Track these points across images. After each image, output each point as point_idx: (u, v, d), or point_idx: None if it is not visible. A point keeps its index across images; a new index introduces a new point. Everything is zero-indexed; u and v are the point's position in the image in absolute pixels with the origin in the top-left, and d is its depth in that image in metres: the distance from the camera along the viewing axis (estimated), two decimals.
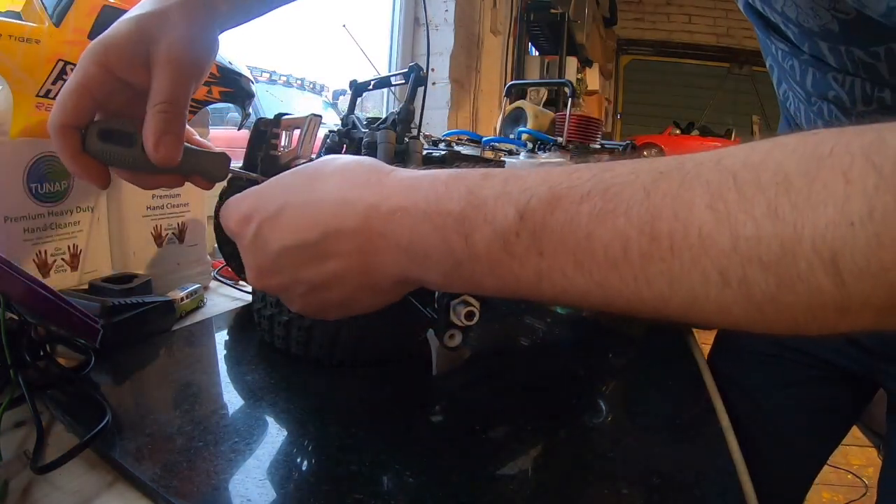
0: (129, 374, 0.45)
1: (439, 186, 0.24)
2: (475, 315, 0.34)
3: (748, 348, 0.67)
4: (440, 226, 0.24)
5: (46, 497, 0.29)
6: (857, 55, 0.39)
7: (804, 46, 0.43)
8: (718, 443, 0.39)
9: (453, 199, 0.23)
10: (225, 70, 0.61)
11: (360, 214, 0.26)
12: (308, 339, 0.46)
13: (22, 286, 0.37)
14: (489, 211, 0.22)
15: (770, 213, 0.18)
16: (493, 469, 0.34)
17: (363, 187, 0.26)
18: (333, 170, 0.29)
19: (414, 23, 1.79)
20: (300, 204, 0.28)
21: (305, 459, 0.33)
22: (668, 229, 0.19)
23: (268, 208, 0.29)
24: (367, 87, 0.57)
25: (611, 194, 0.20)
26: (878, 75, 0.40)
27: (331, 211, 0.26)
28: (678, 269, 0.19)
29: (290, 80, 2.46)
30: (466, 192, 0.23)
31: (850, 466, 1.75)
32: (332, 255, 0.27)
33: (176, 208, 0.64)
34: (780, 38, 0.46)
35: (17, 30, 0.44)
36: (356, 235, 0.26)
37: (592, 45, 3.33)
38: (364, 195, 0.26)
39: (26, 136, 0.47)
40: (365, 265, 0.26)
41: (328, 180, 0.28)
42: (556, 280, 0.22)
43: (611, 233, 0.20)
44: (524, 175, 0.23)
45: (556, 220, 0.21)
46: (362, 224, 0.26)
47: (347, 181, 0.27)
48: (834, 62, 0.42)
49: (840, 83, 0.44)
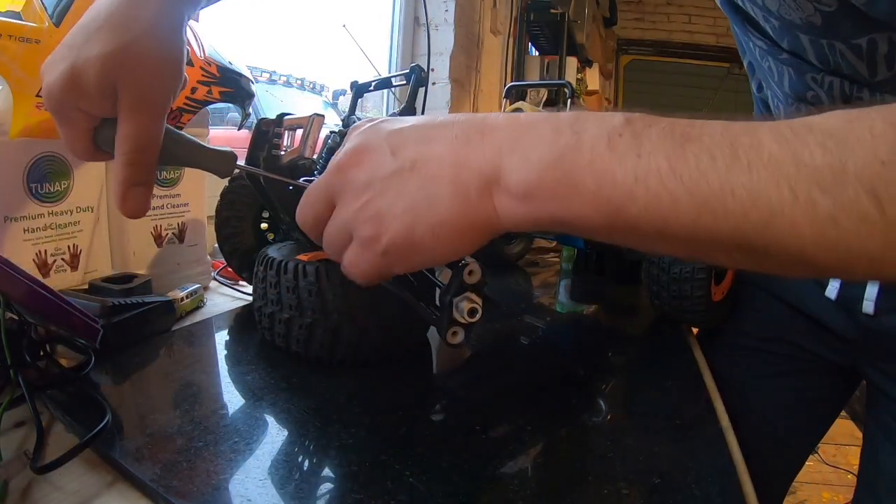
0: (129, 374, 0.45)
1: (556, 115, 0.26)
2: (478, 312, 0.34)
3: (731, 342, 0.68)
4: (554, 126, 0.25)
5: (46, 497, 0.29)
6: (838, 48, 0.39)
7: (783, 42, 0.43)
8: (718, 443, 0.39)
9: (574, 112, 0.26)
10: (225, 70, 0.61)
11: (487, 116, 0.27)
12: (309, 338, 0.46)
13: (22, 286, 0.37)
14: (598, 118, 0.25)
15: (820, 147, 0.21)
16: (493, 469, 0.34)
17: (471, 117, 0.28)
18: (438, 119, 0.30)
19: (414, 23, 1.79)
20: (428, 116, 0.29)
21: (305, 459, 0.33)
22: (745, 151, 0.22)
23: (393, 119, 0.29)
24: (368, 87, 0.57)
25: (696, 125, 0.23)
26: (857, 73, 0.40)
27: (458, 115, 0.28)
28: (756, 181, 0.21)
29: (290, 80, 2.46)
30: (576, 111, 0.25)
31: (850, 466, 1.75)
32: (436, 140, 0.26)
33: (176, 208, 0.64)
34: (759, 35, 0.46)
35: (17, 30, 0.44)
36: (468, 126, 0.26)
37: (592, 45, 3.33)
38: (472, 117, 0.27)
39: (26, 136, 0.47)
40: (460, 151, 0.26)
41: None
42: (651, 184, 0.23)
43: (698, 146, 0.22)
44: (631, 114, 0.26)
45: (654, 131, 0.23)
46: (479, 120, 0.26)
47: None
48: (814, 57, 0.41)
49: (819, 83, 0.43)
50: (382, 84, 0.56)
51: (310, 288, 0.45)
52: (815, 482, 1.73)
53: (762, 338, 0.65)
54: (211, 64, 0.59)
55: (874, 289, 0.51)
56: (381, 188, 0.26)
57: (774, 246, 0.22)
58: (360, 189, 0.27)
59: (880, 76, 0.39)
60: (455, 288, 0.34)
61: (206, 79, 0.59)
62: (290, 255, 0.48)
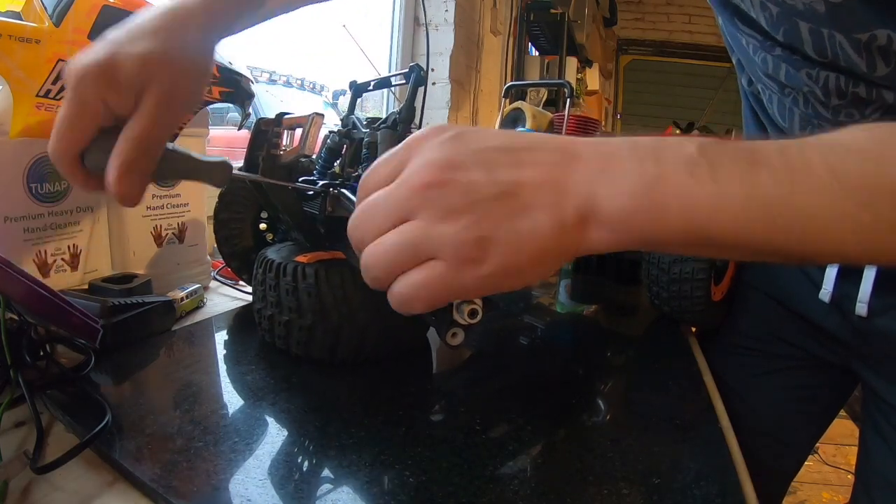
0: (129, 374, 0.45)
1: (639, 138, 0.28)
2: (478, 313, 0.34)
3: (728, 341, 0.68)
4: (639, 155, 0.26)
5: (46, 497, 0.29)
6: (838, 40, 0.39)
7: (779, 33, 0.43)
8: (718, 443, 0.39)
9: (645, 140, 0.27)
10: (225, 70, 0.61)
11: (564, 141, 0.28)
12: (309, 339, 0.46)
13: (22, 286, 0.37)
14: (674, 147, 0.27)
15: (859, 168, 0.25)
16: (493, 469, 0.34)
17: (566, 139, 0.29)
18: None
19: (414, 23, 1.79)
20: (499, 132, 0.29)
21: (305, 459, 0.33)
22: (801, 176, 0.25)
23: (465, 127, 0.29)
24: (366, 87, 0.57)
25: (758, 149, 0.26)
26: (854, 66, 0.40)
27: (532, 135, 0.29)
28: (811, 203, 0.25)
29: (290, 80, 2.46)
30: (655, 139, 0.27)
31: (850, 466, 1.75)
32: (529, 164, 0.26)
33: (176, 208, 0.64)
34: (750, 29, 0.45)
35: (17, 30, 0.44)
36: (555, 152, 0.27)
37: (592, 45, 3.33)
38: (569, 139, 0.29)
39: (26, 136, 0.47)
40: (557, 178, 0.26)
41: None
42: (729, 208, 0.25)
43: (766, 172, 0.25)
44: None
45: (726, 159, 0.26)
46: (563, 145, 0.27)
47: None
48: (811, 48, 0.41)
49: (814, 79, 0.43)
50: (381, 84, 0.56)
51: (309, 290, 0.45)
52: (815, 482, 1.73)
53: (759, 338, 0.65)
54: None
55: (867, 291, 0.51)
56: (482, 212, 0.25)
57: (824, 253, 0.26)
58: (456, 210, 0.25)
59: (879, 72, 0.39)
60: None
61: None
62: (289, 257, 0.48)
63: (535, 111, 0.90)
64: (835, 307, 0.55)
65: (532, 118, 0.89)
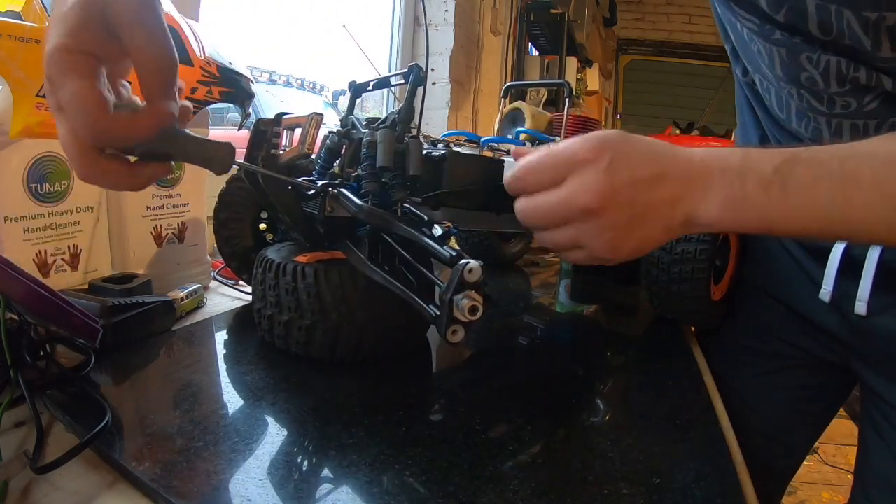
0: (129, 374, 0.45)
1: (729, 156, 0.36)
2: (478, 310, 0.34)
3: (727, 341, 0.68)
4: (723, 168, 0.36)
5: (46, 497, 0.29)
6: (846, 16, 0.39)
7: (780, 13, 0.42)
8: (718, 443, 0.39)
9: (735, 160, 0.36)
10: (225, 70, 0.61)
11: (683, 166, 0.37)
12: (308, 339, 0.46)
13: (22, 286, 0.37)
14: (754, 163, 0.35)
15: None
16: (493, 469, 0.34)
17: (678, 149, 0.38)
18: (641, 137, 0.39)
19: (414, 23, 1.79)
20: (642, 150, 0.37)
21: (305, 459, 0.33)
22: (854, 187, 0.33)
23: (618, 147, 0.36)
24: (366, 87, 0.57)
25: (823, 164, 0.34)
26: (859, 45, 0.40)
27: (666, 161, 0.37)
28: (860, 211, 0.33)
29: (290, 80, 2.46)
30: (743, 156, 0.36)
31: (850, 466, 1.74)
32: (662, 187, 0.36)
33: (176, 208, 0.64)
34: (748, 14, 0.45)
35: (17, 30, 0.44)
36: (678, 180, 0.36)
37: (592, 45, 3.33)
38: (681, 152, 0.37)
39: (26, 136, 0.47)
40: (675, 200, 0.36)
41: (647, 140, 0.38)
42: (795, 216, 0.34)
43: (827, 185, 0.33)
44: (767, 149, 0.36)
45: (794, 178, 0.34)
46: (685, 172, 0.36)
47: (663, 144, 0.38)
48: (816, 25, 0.41)
49: (814, 63, 0.43)
50: (381, 84, 0.56)
51: (308, 289, 0.45)
52: (815, 482, 1.72)
53: (759, 337, 0.65)
54: (211, 64, 0.59)
55: (867, 290, 0.51)
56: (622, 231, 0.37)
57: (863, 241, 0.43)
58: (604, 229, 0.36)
59: (883, 53, 0.39)
60: (455, 286, 0.34)
61: (206, 79, 0.59)
62: (289, 257, 0.48)
63: (534, 111, 0.90)
64: (834, 306, 0.55)
65: (531, 118, 0.89)
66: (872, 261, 0.50)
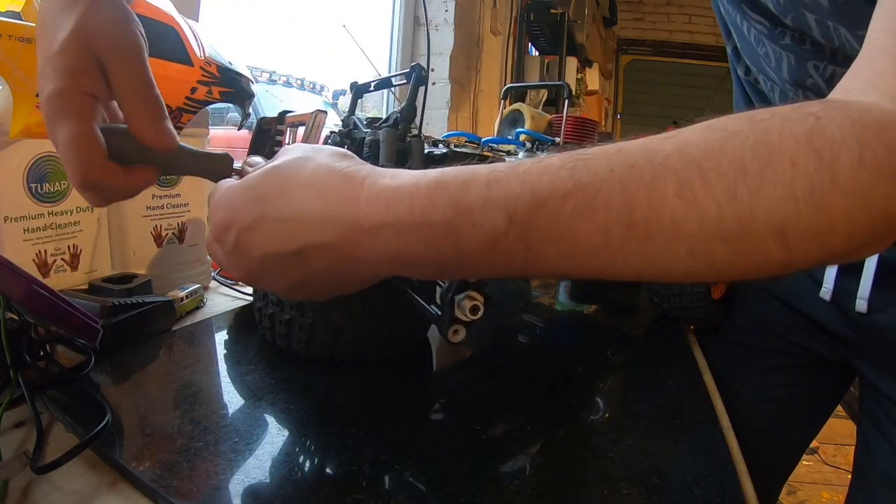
0: (129, 374, 0.45)
1: (421, 198, 0.25)
2: (480, 310, 0.34)
3: (726, 338, 0.68)
4: (427, 236, 0.25)
5: (46, 497, 0.29)
6: (843, 34, 0.39)
7: (787, 18, 0.42)
8: (718, 442, 0.39)
9: (438, 209, 0.25)
10: (225, 70, 0.61)
11: (341, 231, 0.26)
12: (309, 338, 0.46)
13: (22, 286, 0.37)
14: (476, 218, 0.24)
15: (730, 196, 0.21)
16: (493, 469, 0.34)
17: (340, 202, 0.27)
18: (306, 179, 0.28)
19: (414, 23, 1.79)
20: (276, 219, 0.28)
21: (305, 459, 0.33)
22: (644, 217, 0.22)
23: (244, 219, 0.28)
24: (367, 88, 0.57)
25: (591, 191, 0.23)
26: None
27: (309, 228, 0.27)
28: (652, 249, 0.22)
29: (290, 80, 2.46)
30: (451, 203, 0.24)
31: (850, 466, 1.74)
32: (315, 261, 0.27)
33: (176, 208, 0.64)
34: (758, 15, 0.45)
35: (17, 30, 0.44)
36: (338, 247, 0.27)
37: (592, 45, 3.33)
38: (343, 210, 0.26)
39: (26, 137, 0.46)
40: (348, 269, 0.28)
41: (302, 191, 0.28)
42: (541, 265, 0.24)
43: (592, 226, 0.23)
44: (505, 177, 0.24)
45: (542, 218, 0.23)
46: (343, 238, 0.26)
47: (322, 195, 0.27)
48: (819, 34, 0.41)
49: (820, 72, 0.43)
50: (382, 84, 0.56)
51: None
52: (815, 482, 1.72)
53: (758, 335, 0.66)
54: (211, 64, 0.59)
55: (867, 287, 0.51)
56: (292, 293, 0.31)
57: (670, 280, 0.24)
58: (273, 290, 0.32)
59: None
60: (456, 286, 0.34)
61: (206, 79, 0.59)
62: None
63: (533, 112, 0.90)
64: (835, 304, 0.55)
65: (531, 119, 0.89)
66: (873, 259, 0.51)
